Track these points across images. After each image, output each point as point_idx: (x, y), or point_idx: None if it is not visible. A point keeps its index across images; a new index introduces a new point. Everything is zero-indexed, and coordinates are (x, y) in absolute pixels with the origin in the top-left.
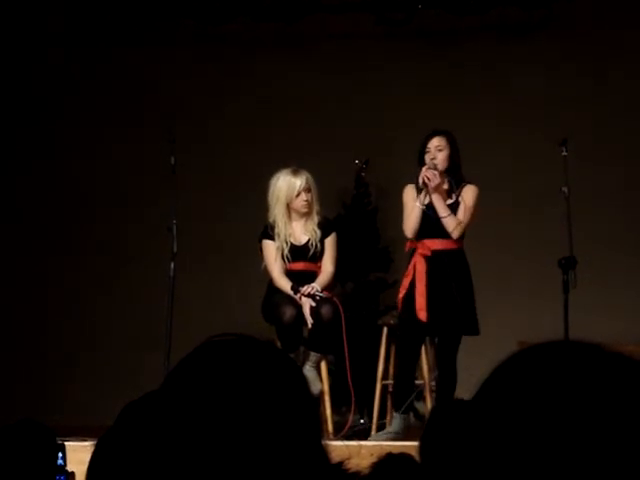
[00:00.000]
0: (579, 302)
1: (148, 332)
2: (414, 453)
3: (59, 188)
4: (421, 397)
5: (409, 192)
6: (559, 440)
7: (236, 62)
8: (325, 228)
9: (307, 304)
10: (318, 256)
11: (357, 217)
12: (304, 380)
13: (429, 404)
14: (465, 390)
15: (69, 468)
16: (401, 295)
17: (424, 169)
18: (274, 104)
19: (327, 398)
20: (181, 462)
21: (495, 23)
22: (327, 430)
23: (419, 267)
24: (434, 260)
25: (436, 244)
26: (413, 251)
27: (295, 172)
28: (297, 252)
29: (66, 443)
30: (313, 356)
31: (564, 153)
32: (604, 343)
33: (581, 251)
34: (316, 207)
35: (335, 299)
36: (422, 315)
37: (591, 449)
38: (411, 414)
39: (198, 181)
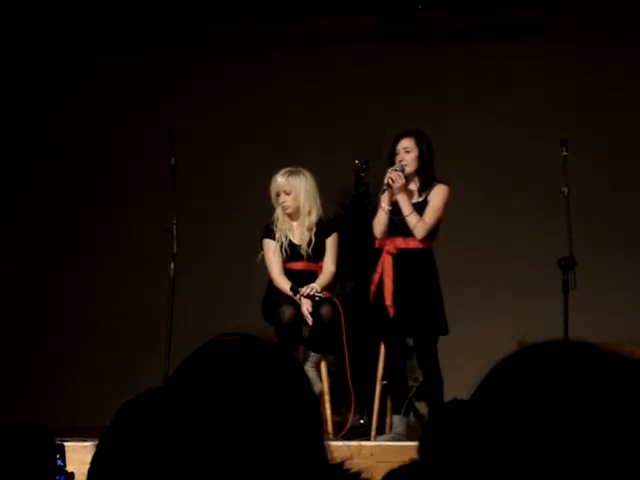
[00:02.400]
0: (579, 302)
1: (148, 332)
2: (414, 453)
3: (59, 188)
4: (421, 397)
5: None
6: (557, 439)
7: (236, 62)
8: (326, 228)
9: (306, 305)
10: (315, 257)
11: (357, 217)
12: (307, 380)
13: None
14: (465, 391)
15: (69, 469)
16: (371, 294)
17: (389, 170)
18: (274, 104)
19: (327, 398)
20: (183, 461)
21: (495, 23)
22: (327, 430)
23: (386, 265)
24: (400, 258)
25: (402, 243)
26: (383, 248)
27: (285, 172)
28: (295, 251)
29: (65, 443)
30: (313, 356)
31: (564, 153)
32: (602, 343)
33: (581, 251)
34: (306, 209)
35: (335, 299)
36: (390, 311)
37: (589, 448)
38: (411, 414)
39: (198, 182)
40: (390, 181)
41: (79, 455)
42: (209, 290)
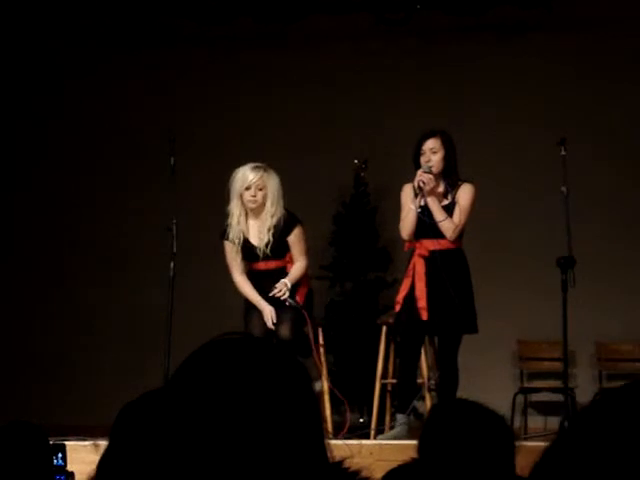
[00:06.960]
0: (577, 301)
1: (148, 332)
2: (413, 452)
3: (59, 188)
4: (420, 397)
5: (406, 191)
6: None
7: (236, 62)
8: (284, 227)
9: (270, 314)
10: (274, 256)
11: (356, 216)
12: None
13: (428, 404)
14: (465, 390)
15: (70, 468)
16: (401, 296)
17: (419, 173)
18: (274, 104)
19: (327, 397)
20: (185, 460)
21: (494, 23)
22: (326, 430)
23: (418, 267)
24: (432, 260)
25: (433, 244)
26: (412, 251)
27: (255, 167)
28: (252, 251)
29: (66, 443)
30: None
31: (563, 153)
32: (601, 342)
33: (580, 250)
34: (271, 209)
35: (303, 310)
36: (424, 314)
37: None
38: (410, 414)
39: (198, 181)
40: (421, 184)
41: (80, 454)
42: (209, 289)
